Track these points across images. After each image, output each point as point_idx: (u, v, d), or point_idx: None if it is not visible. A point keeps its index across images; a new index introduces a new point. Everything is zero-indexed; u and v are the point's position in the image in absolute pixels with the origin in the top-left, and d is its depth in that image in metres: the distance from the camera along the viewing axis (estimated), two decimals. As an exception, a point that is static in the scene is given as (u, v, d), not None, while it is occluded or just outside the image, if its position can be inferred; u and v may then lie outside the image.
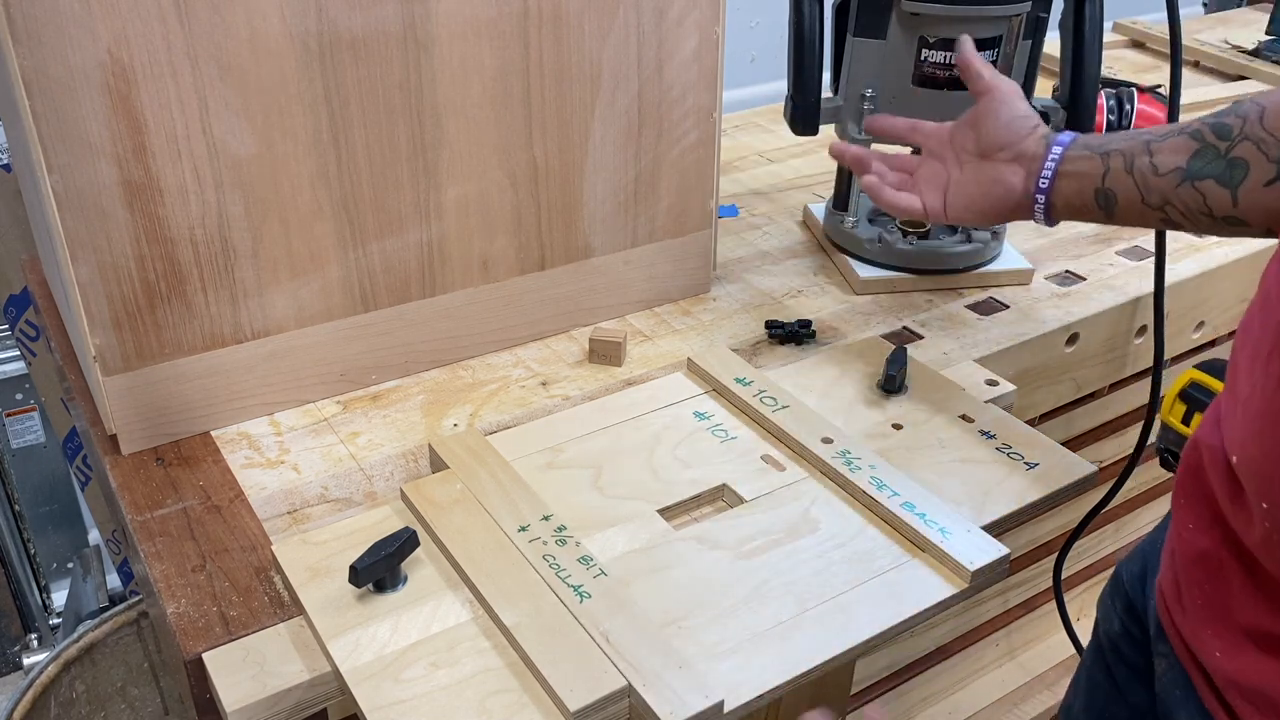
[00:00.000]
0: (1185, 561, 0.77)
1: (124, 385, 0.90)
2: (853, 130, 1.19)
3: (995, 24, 1.11)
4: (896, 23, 1.13)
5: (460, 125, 0.97)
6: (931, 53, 1.12)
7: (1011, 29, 1.13)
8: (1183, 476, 0.78)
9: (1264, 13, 2.12)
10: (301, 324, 0.97)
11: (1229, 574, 0.71)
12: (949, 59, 1.12)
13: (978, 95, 0.93)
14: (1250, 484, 0.67)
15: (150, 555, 0.84)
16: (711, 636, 0.75)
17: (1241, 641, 0.71)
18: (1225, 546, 0.72)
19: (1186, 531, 0.77)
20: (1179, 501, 0.78)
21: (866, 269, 1.23)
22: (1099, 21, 1.14)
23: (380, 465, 0.94)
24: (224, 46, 0.84)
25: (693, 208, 1.14)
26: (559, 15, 0.97)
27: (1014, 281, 1.24)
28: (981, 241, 1.24)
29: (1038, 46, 1.16)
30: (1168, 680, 0.80)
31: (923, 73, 1.14)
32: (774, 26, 1.16)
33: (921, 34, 1.12)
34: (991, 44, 1.12)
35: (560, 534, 0.81)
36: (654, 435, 0.95)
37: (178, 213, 0.87)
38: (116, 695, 1.43)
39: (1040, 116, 0.93)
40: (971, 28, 1.10)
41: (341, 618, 0.76)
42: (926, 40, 1.12)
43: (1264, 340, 0.65)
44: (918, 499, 0.86)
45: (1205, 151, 0.78)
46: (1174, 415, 1.09)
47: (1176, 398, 1.09)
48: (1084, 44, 1.14)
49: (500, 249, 1.04)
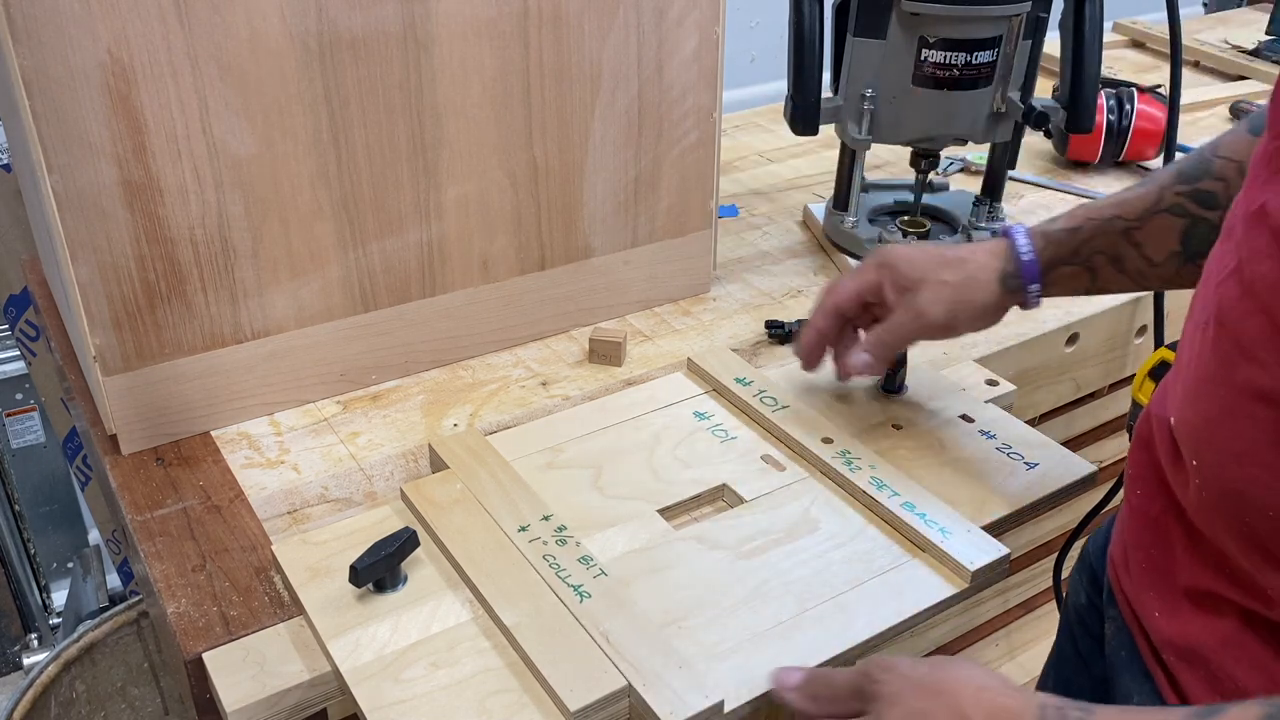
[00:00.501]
0: (1134, 528, 0.76)
1: (124, 385, 0.90)
2: (853, 130, 1.19)
3: (995, 24, 1.11)
4: (896, 23, 1.13)
5: (460, 125, 0.97)
6: (932, 53, 1.12)
7: (1011, 29, 1.13)
8: (1134, 448, 0.77)
9: (1264, 13, 2.12)
10: (301, 324, 0.97)
11: (1172, 537, 0.71)
12: (949, 59, 1.11)
13: None
14: (1185, 445, 0.67)
15: (150, 555, 0.84)
16: (711, 636, 0.75)
17: (1179, 601, 0.71)
18: (1168, 511, 0.72)
19: (1135, 499, 0.76)
20: (1130, 472, 0.77)
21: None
22: (1099, 21, 1.14)
23: (380, 465, 0.94)
24: (224, 46, 0.84)
25: (693, 208, 1.14)
26: (559, 15, 0.97)
27: None
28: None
29: (1038, 46, 1.16)
30: (1115, 643, 0.81)
31: (923, 73, 1.14)
32: (774, 26, 1.15)
33: (922, 34, 1.12)
34: (991, 44, 1.12)
35: (560, 534, 0.81)
36: (654, 435, 0.95)
37: (178, 213, 0.87)
38: (116, 695, 1.43)
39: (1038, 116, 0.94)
40: (971, 27, 1.10)
41: (341, 618, 0.76)
42: (927, 40, 1.12)
43: (1202, 311, 0.66)
44: (918, 499, 0.86)
45: (1198, 226, 0.77)
46: (1143, 393, 1.08)
47: (1146, 376, 1.08)
48: (1084, 44, 1.14)
49: (500, 249, 1.04)
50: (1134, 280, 0.83)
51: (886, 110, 1.18)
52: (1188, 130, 1.68)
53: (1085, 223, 0.83)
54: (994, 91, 1.16)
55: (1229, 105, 1.75)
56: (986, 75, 1.14)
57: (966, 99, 1.15)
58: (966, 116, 1.17)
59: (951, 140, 1.21)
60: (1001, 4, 1.09)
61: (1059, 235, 0.84)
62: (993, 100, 1.17)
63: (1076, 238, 0.83)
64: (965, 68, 1.13)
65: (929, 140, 1.21)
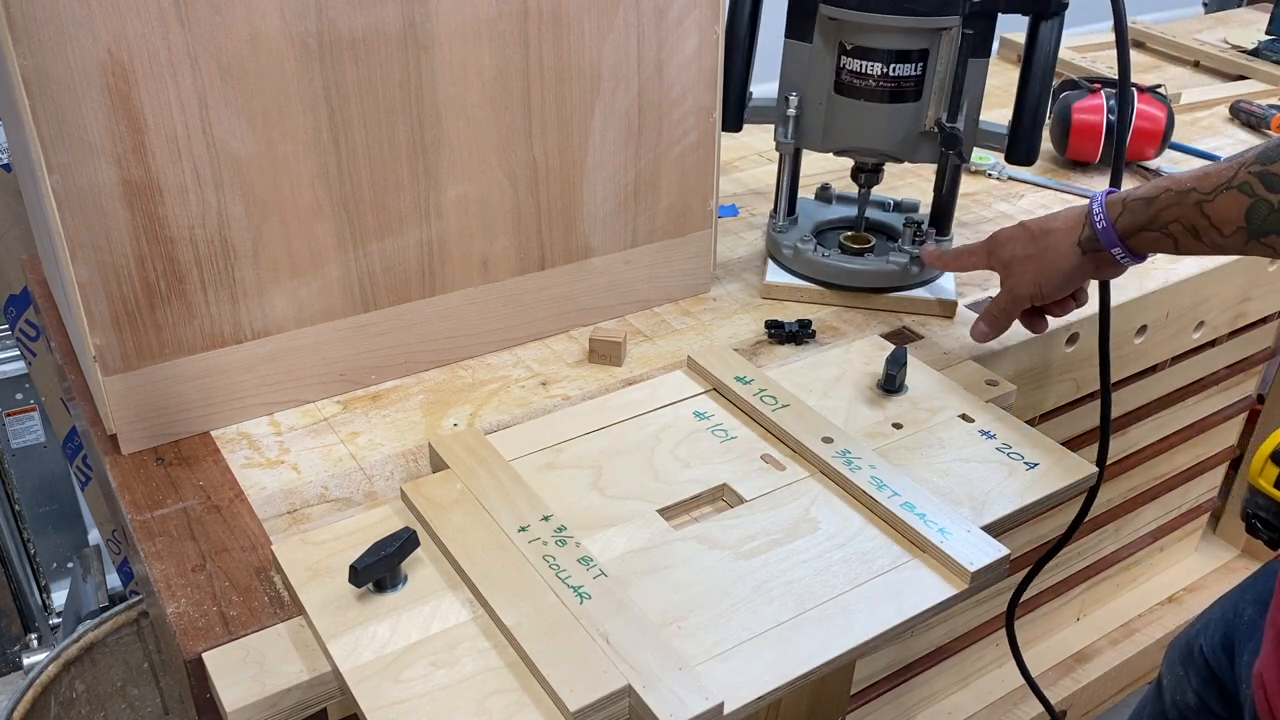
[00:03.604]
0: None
1: (124, 385, 0.90)
2: (779, 134, 1.16)
3: (918, 36, 1.07)
4: (819, 27, 1.10)
5: (460, 125, 0.97)
6: (850, 60, 1.09)
7: (938, 44, 1.08)
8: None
9: (1264, 13, 2.12)
10: (301, 324, 0.97)
11: None
12: (865, 68, 1.08)
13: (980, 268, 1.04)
14: None
15: (150, 555, 0.84)
16: (711, 637, 0.75)
17: None
18: None
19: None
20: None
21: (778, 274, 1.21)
22: (1051, 48, 1.09)
23: (380, 465, 0.94)
24: (224, 46, 0.84)
25: (693, 208, 1.14)
26: (559, 15, 0.97)
27: (934, 313, 1.17)
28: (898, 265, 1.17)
29: (981, 67, 1.10)
30: None
31: (841, 80, 1.11)
32: (774, 26, 1.15)
33: (841, 39, 1.09)
34: (911, 57, 1.08)
35: (560, 534, 0.81)
36: (654, 435, 0.95)
37: (178, 212, 0.87)
38: (116, 695, 1.43)
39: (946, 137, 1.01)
40: (888, 38, 1.07)
41: (341, 618, 0.76)
42: (845, 47, 1.09)
43: None
44: (918, 499, 0.86)
45: (1259, 207, 0.79)
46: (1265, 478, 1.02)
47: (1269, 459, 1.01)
48: (1030, 71, 1.09)
49: (500, 249, 1.04)
50: (1212, 249, 0.86)
51: (813, 116, 1.14)
52: (1188, 130, 1.68)
53: (1162, 194, 0.88)
54: (922, 109, 1.12)
55: (1229, 105, 1.75)
56: (912, 90, 1.10)
57: (891, 113, 1.11)
58: (887, 131, 1.13)
59: (878, 154, 1.16)
60: (918, 15, 1.04)
61: (1136, 205, 0.90)
62: (922, 118, 1.12)
63: (1152, 208, 0.88)
64: (883, 79, 1.09)
65: (858, 153, 1.17)
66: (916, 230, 1.20)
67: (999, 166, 1.52)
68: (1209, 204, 0.83)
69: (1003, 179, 1.52)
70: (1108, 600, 1.67)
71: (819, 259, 1.19)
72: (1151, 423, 1.46)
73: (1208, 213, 0.83)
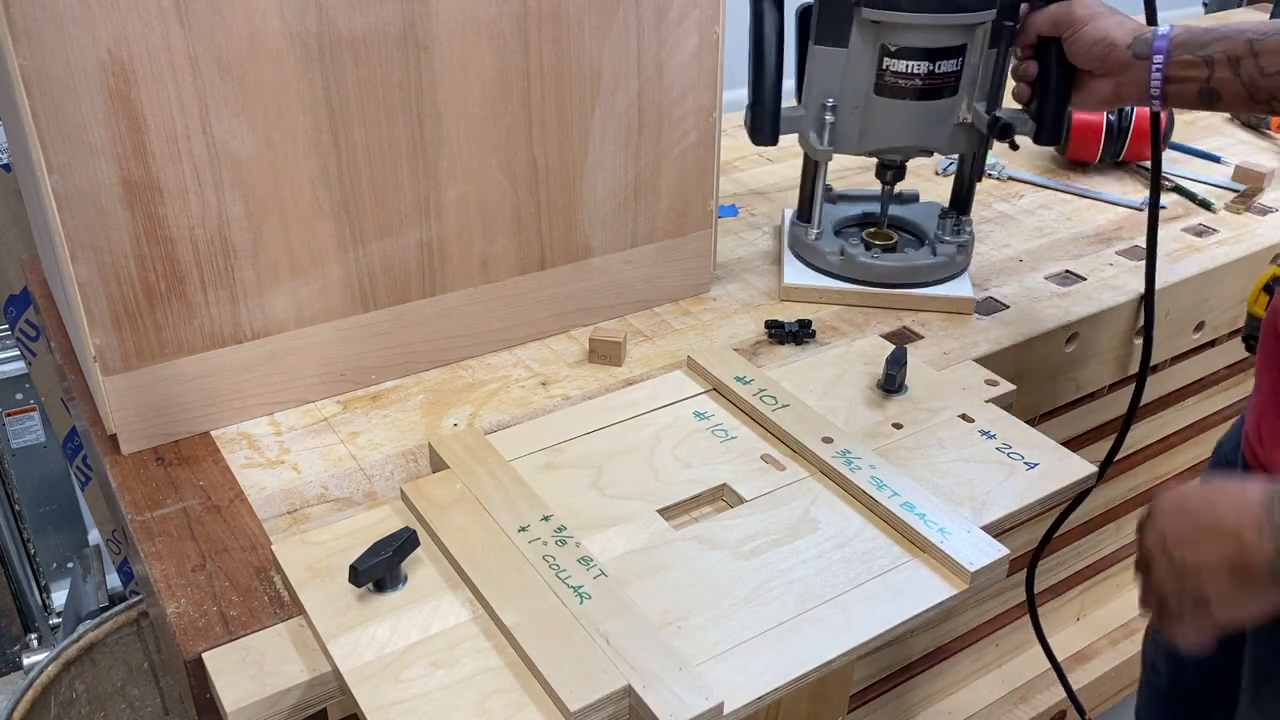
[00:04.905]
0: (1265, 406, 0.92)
1: (124, 385, 0.90)
2: (814, 141, 1.15)
3: (959, 33, 1.08)
4: (858, 31, 1.10)
5: (460, 125, 0.97)
6: (894, 62, 1.09)
7: (976, 38, 1.09)
8: (1264, 341, 0.92)
9: (1264, 13, 2.12)
10: (301, 324, 0.97)
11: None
12: (911, 68, 1.09)
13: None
14: None
15: (150, 555, 0.84)
16: (711, 637, 0.75)
17: None
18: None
19: (1265, 384, 0.92)
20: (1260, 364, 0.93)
21: (799, 275, 1.22)
22: None
23: (380, 465, 0.94)
24: (224, 46, 0.84)
25: (693, 208, 1.14)
26: (559, 15, 0.97)
27: (955, 310, 1.19)
28: (946, 256, 1.20)
29: (1005, 56, 1.12)
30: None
31: (885, 82, 1.11)
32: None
33: (883, 42, 1.09)
34: (955, 53, 1.09)
35: (560, 534, 0.81)
36: (654, 435, 0.95)
37: (178, 212, 0.87)
38: (116, 695, 1.43)
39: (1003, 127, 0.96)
40: (934, 36, 1.07)
41: (341, 618, 0.76)
42: (888, 49, 1.09)
43: None
44: (918, 499, 0.86)
45: None
46: (1258, 305, 1.21)
47: (1260, 290, 1.22)
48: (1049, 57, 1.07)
49: (500, 249, 1.04)
50: (1245, 86, 0.91)
51: (848, 121, 1.14)
52: (1188, 130, 1.68)
53: (1221, 25, 0.94)
54: (959, 102, 1.13)
55: (1229, 105, 1.75)
56: (951, 85, 1.11)
57: (930, 109, 1.12)
58: (931, 127, 1.14)
59: (917, 152, 1.18)
60: (964, 12, 1.06)
61: (1194, 29, 0.95)
62: (958, 111, 1.14)
63: (1209, 35, 0.94)
64: (928, 77, 1.09)
65: (893, 152, 1.18)
66: (955, 220, 1.24)
67: (999, 166, 1.52)
68: (1260, 42, 0.89)
69: (1003, 179, 1.52)
70: (1108, 600, 1.67)
71: (858, 258, 1.20)
72: (1151, 423, 1.46)
73: (1257, 49, 0.89)
